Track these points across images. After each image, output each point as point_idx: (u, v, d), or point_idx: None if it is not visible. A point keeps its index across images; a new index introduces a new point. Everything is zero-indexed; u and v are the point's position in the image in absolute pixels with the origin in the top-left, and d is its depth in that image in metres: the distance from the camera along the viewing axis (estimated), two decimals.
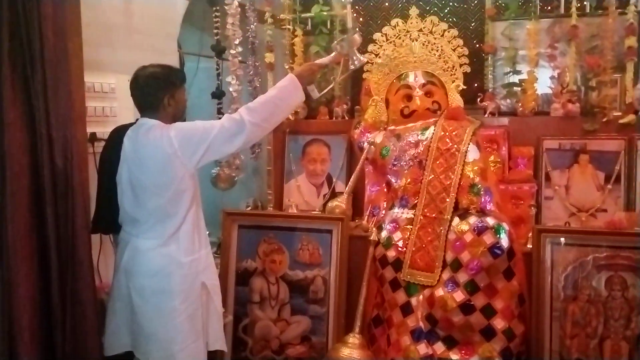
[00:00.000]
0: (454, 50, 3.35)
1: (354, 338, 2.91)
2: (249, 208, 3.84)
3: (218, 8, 3.66)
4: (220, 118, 3.61)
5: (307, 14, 3.90)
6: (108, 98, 3.20)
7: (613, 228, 2.84)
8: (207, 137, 2.42)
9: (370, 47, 3.44)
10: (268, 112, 2.54)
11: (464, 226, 2.86)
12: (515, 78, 3.49)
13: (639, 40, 3.22)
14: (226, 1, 3.58)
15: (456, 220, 2.90)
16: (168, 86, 2.50)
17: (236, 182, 3.83)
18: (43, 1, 2.44)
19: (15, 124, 2.38)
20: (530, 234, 2.97)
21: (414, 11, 3.43)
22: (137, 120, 2.55)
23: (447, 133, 3.07)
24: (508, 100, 3.53)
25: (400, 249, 2.97)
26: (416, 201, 3.01)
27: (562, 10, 3.41)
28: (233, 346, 3.26)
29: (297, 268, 3.24)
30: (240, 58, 3.68)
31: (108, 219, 2.63)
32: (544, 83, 3.42)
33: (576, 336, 2.79)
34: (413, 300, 2.89)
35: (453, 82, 3.34)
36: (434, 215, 2.94)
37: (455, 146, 3.02)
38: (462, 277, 2.80)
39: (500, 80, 3.55)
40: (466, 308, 2.77)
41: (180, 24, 3.91)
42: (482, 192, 2.94)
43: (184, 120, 2.63)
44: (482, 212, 2.89)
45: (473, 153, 3.02)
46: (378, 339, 3.01)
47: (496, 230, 2.80)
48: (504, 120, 3.42)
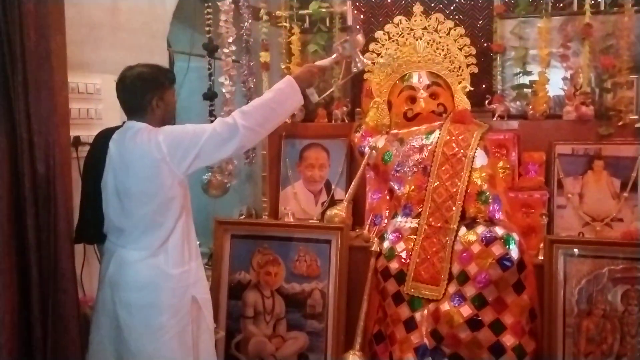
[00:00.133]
0: (461, 49, 3.35)
1: (354, 356, 2.90)
2: (243, 216, 3.84)
3: (210, 4, 3.67)
4: (212, 120, 3.65)
5: (305, 11, 3.90)
6: (93, 99, 3.20)
7: (630, 239, 2.83)
8: (198, 142, 2.41)
9: (371, 46, 3.44)
10: (263, 117, 2.53)
11: (471, 236, 2.86)
12: (525, 79, 3.49)
13: None
14: None
15: (463, 230, 2.90)
16: (156, 87, 2.50)
17: (229, 189, 3.82)
18: None
19: None
20: (541, 245, 2.96)
21: (418, 8, 3.44)
22: (124, 123, 2.54)
23: (453, 137, 3.06)
24: (518, 102, 3.53)
25: (403, 261, 2.96)
26: (420, 210, 3.01)
27: (575, 7, 3.41)
28: None
29: (294, 281, 3.22)
30: (233, 57, 3.68)
31: (92, 228, 2.62)
32: (556, 84, 3.42)
33: (591, 354, 2.78)
34: (417, 315, 2.88)
35: (459, 84, 3.35)
36: (440, 224, 2.94)
37: (461, 151, 3.02)
38: (470, 291, 2.79)
39: (509, 81, 3.55)
40: (474, 324, 2.76)
41: (169, 21, 3.92)
42: (491, 200, 2.93)
43: (174, 123, 2.62)
44: (491, 222, 2.89)
45: (481, 159, 3.02)
46: (380, 357, 3.00)
47: (505, 240, 2.80)
48: (514, 123, 3.42)
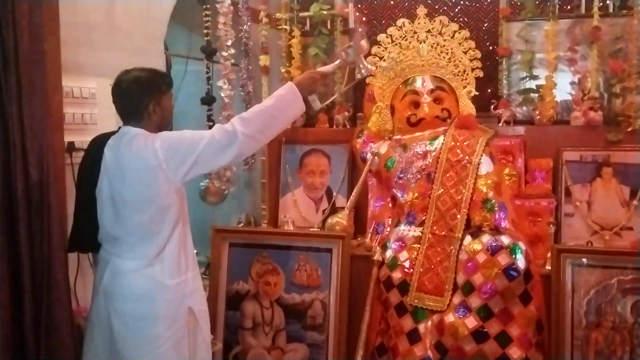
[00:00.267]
0: (466, 53, 3.36)
1: None
2: (241, 224, 3.85)
3: (208, 6, 3.68)
4: (210, 126, 3.67)
5: (306, 13, 3.92)
6: (88, 104, 3.21)
7: None
8: (195, 149, 2.41)
9: (374, 50, 3.45)
10: (263, 124, 2.53)
11: (477, 245, 2.86)
12: (532, 84, 3.51)
13: None
14: None
15: (468, 238, 2.90)
16: (153, 92, 2.50)
17: (227, 196, 3.83)
18: None
19: None
20: (549, 254, 2.97)
21: (422, 10, 3.45)
22: (120, 128, 2.55)
23: (458, 143, 3.07)
24: (524, 107, 3.55)
25: (406, 270, 2.96)
26: (424, 218, 3.01)
27: (583, 10, 3.43)
28: None
29: (294, 291, 3.22)
30: (232, 61, 3.69)
31: (86, 237, 2.62)
32: (564, 89, 3.44)
33: None
34: (421, 326, 2.88)
35: (464, 88, 3.36)
36: (444, 233, 2.94)
37: (466, 158, 3.02)
38: (475, 302, 2.80)
39: (515, 85, 3.57)
40: (479, 336, 2.76)
41: (167, 23, 3.92)
42: (496, 208, 2.94)
43: (171, 128, 2.63)
44: (497, 230, 2.90)
45: (486, 165, 3.02)
46: None
47: (512, 250, 2.80)
48: (520, 129, 3.43)
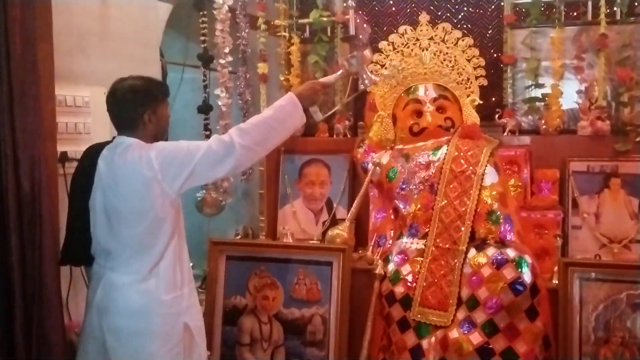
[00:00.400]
0: (469, 60, 3.37)
1: None
2: (239, 237, 3.83)
3: (205, 13, 3.70)
4: (207, 135, 3.69)
5: (305, 20, 3.92)
6: (81, 113, 3.22)
7: None
8: (191, 160, 2.41)
9: (375, 57, 3.44)
10: (262, 135, 2.53)
11: (482, 259, 2.86)
12: (537, 92, 3.50)
13: None
14: (215, 5, 3.61)
15: (472, 251, 2.90)
16: (149, 100, 2.51)
17: (224, 207, 3.83)
18: (10, 4, 2.46)
19: None
20: (555, 268, 2.96)
21: (424, 17, 3.45)
22: (114, 138, 2.55)
23: (462, 153, 3.07)
24: (530, 116, 3.54)
25: (409, 285, 2.96)
26: (427, 230, 3.01)
27: (590, 16, 3.43)
28: None
29: (293, 305, 3.22)
30: (230, 68, 3.71)
31: (79, 250, 2.62)
32: (570, 98, 3.44)
33: None
34: (424, 342, 2.87)
35: (468, 97, 3.35)
36: (448, 246, 2.94)
37: (470, 168, 3.02)
38: (480, 317, 2.79)
39: (520, 94, 3.56)
40: (484, 352, 2.75)
41: (162, 30, 3.95)
42: (502, 220, 2.93)
43: (166, 138, 2.63)
44: (502, 243, 2.89)
45: (491, 176, 3.02)
46: None
47: (517, 263, 2.80)
48: (526, 139, 3.42)
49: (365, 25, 3.59)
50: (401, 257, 3.04)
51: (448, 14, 3.71)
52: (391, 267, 3.04)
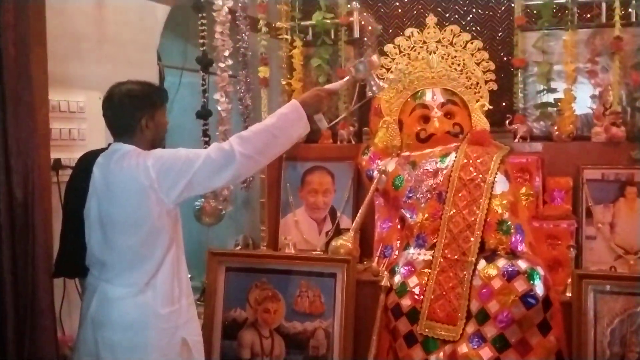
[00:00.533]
0: (478, 64, 3.38)
1: None
2: (239, 247, 3.83)
3: (205, 15, 3.70)
4: (206, 141, 3.68)
5: (308, 22, 3.93)
6: (76, 119, 3.22)
7: None
8: (190, 169, 2.41)
9: (380, 61, 3.45)
10: (263, 144, 2.52)
11: (492, 270, 2.85)
12: (549, 97, 3.51)
13: None
14: (214, 7, 3.62)
15: (482, 263, 2.89)
16: (147, 106, 2.51)
17: (224, 217, 3.82)
18: (3, 7, 2.46)
19: None
20: (569, 280, 2.96)
21: (432, 19, 3.46)
22: (110, 145, 2.55)
23: (471, 161, 3.07)
24: (542, 122, 3.55)
25: (416, 297, 2.95)
26: (435, 240, 3.00)
27: (604, 19, 3.44)
28: None
29: (295, 319, 3.21)
30: (229, 72, 3.71)
31: (73, 261, 2.61)
32: (584, 103, 3.44)
33: None
34: (432, 358, 2.86)
35: (477, 102, 3.36)
36: (456, 257, 2.93)
37: (480, 176, 3.02)
38: (490, 331, 2.78)
39: (532, 99, 3.57)
40: None
41: (160, 33, 3.95)
42: (513, 231, 2.93)
43: (164, 145, 2.63)
44: (513, 254, 2.88)
45: (501, 184, 3.02)
46: None
47: (529, 275, 2.79)
48: (537, 146, 3.43)
49: (370, 27, 3.59)
50: (408, 269, 3.03)
51: (456, 16, 3.72)
52: (397, 279, 3.03)
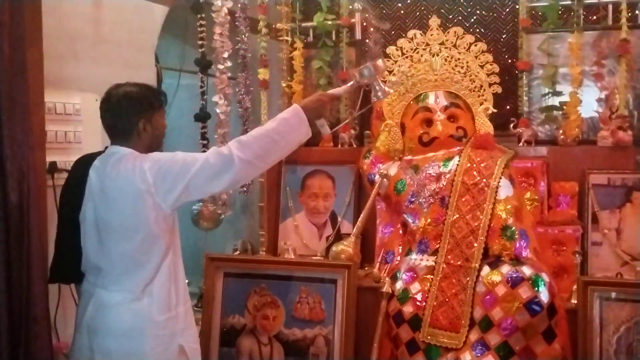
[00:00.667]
0: (482, 67, 3.38)
1: None
2: (237, 252, 3.84)
3: (203, 16, 3.71)
4: (204, 144, 3.69)
5: (309, 23, 3.95)
6: (72, 121, 3.23)
7: None
8: (187, 173, 2.41)
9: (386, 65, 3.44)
10: (263, 149, 2.52)
11: (496, 277, 2.86)
12: (555, 100, 3.52)
13: None
14: (213, 8, 3.63)
15: (486, 269, 2.90)
16: (145, 109, 2.52)
17: (222, 221, 3.83)
18: None
19: None
20: (574, 287, 2.96)
21: (435, 21, 3.46)
22: (106, 148, 2.56)
23: (475, 165, 3.08)
24: (547, 126, 3.55)
25: (418, 304, 2.96)
26: (438, 246, 3.01)
27: (610, 21, 3.45)
28: None
29: (295, 325, 3.21)
30: (229, 74, 3.71)
31: (69, 266, 2.61)
32: (590, 106, 3.45)
33: None
34: None
35: (481, 105, 3.36)
36: (460, 263, 2.94)
37: (484, 181, 3.03)
38: (494, 339, 2.79)
39: (537, 102, 3.58)
40: None
41: (158, 34, 3.97)
42: (517, 236, 2.94)
43: (162, 148, 2.64)
44: (517, 260, 2.89)
45: (505, 189, 3.03)
46: None
47: (534, 282, 2.80)
48: (542, 150, 3.44)
49: (372, 29, 3.60)
50: (410, 275, 3.04)
51: (460, 18, 3.73)
52: (399, 285, 3.04)
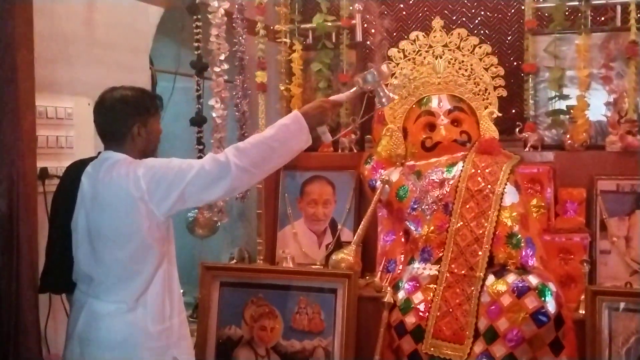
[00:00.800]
0: (487, 69, 3.39)
1: None
2: (234, 261, 3.83)
3: (200, 17, 3.71)
4: (200, 149, 3.68)
5: (308, 25, 3.96)
6: (63, 125, 3.22)
7: None
8: (182, 180, 2.40)
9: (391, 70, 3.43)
10: (261, 156, 2.50)
11: (501, 286, 2.85)
12: (562, 104, 3.53)
13: None
14: (209, 9, 3.63)
15: (491, 278, 2.89)
16: (140, 113, 2.51)
17: (218, 229, 3.82)
18: None
19: None
20: (582, 297, 2.96)
21: (438, 22, 3.48)
22: (100, 153, 2.56)
23: (479, 171, 3.08)
24: (553, 130, 3.56)
25: (421, 314, 2.95)
26: (441, 254, 3.01)
27: (619, 22, 3.46)
28: None
29: (293, 337, 3.21)
30: (225, 77, 3.71)
31: (60, 276, 2.60)
32: (598, 110, 3.45)
33: None
34: None
35: (486, 109, 3.37)
36: (464, 272, 2.94)
37: (489, 187, 3.03)
38: (499, 350, 2.78)
39: (543, 106, 3.59)
40: None
41: (152, 36, 3.96)
42: (523, 244, 2.94)
43: (156, 155, 2.63)
44: (523, 269, 2.89)
45: (511, 196, 3.03)
46: None
47: (540, 291, 2.79)
48: (549, 155, 3.44)
49: (373, 30, 3.59)
50: (412, 284, 3.03)
51: (464, 19, 3.74)
52: (401, 295, 3.03)
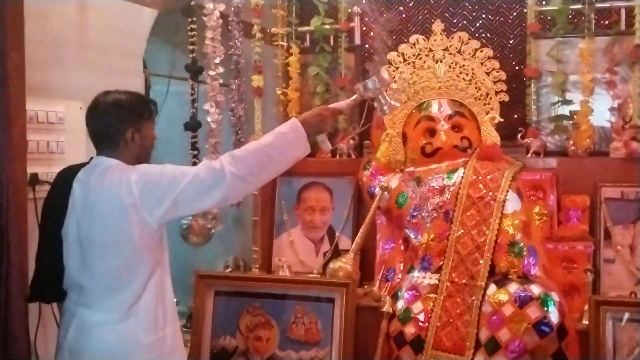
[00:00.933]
0: (488, 74, 3.38)
1: None
2: (229, 269, 3.83)
3: (194, 19, 3.72)
4: (194, 154, 3.69)
5: (306, 28, 3.96)
6: (54, 130, 3.22)
7: None
8: (175, 188, 2.40)
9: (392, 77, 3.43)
10: (257, 164, 2.50)
11: (503, 296, 2.85)
12: (565, 109, 3.53)
13: None
14: (205, 11, 3.64)
15: (492, 288, 2.89)
16: (134, 117, 2.52)
17: (212, 236, 3.83)
18: None
19: None
20: (586, 307, 2.96)
21: (438, 26, 3.47)
22: (92, 159, 2.56)
23: (480, 177, 3.08)
24: (556, 136, 3.56)
25: (421, 325, 2.95)
26: (441, 263, 3.01)
27: (623, 26, 3.47)
28: None
29: (290, 347, 3.21)
30: (221, 81, 3.72)
31: (50, 284, 2.60)
32: (601, 116, 3.45)
33: None
34: None
35: (487, 114, 3.37)
36: (464, 281, 2.93)
37: (490, 194, 3.03)
38: None
39: (546, 111, 3.59)
40: None
41: (146, 39, 3.97)
42: (525, 253, 2.94)
43: (150, 161, 2.63)
44: (525, 278, 2.89)
45: (513, 203, 3.03)
46: None
47: (543, 301, 2.79)
48: (552, 161, 3.44)
49: (372, 34, 3.60)
50: (412, 294, 3.03)
51: (465, 22, 3.74)
52: (401, 305, 3.03)
